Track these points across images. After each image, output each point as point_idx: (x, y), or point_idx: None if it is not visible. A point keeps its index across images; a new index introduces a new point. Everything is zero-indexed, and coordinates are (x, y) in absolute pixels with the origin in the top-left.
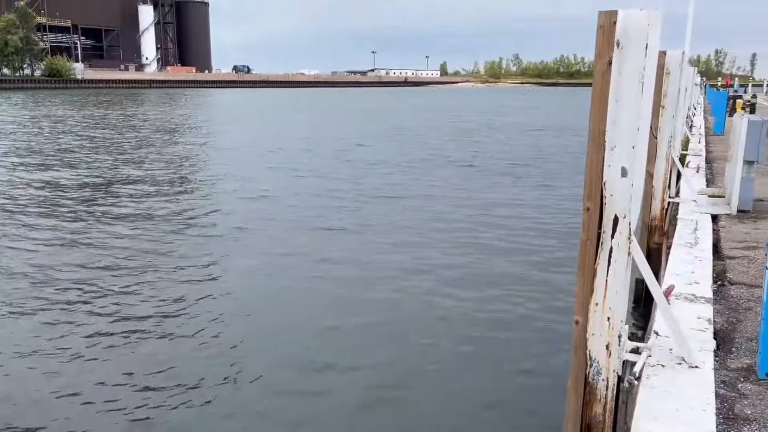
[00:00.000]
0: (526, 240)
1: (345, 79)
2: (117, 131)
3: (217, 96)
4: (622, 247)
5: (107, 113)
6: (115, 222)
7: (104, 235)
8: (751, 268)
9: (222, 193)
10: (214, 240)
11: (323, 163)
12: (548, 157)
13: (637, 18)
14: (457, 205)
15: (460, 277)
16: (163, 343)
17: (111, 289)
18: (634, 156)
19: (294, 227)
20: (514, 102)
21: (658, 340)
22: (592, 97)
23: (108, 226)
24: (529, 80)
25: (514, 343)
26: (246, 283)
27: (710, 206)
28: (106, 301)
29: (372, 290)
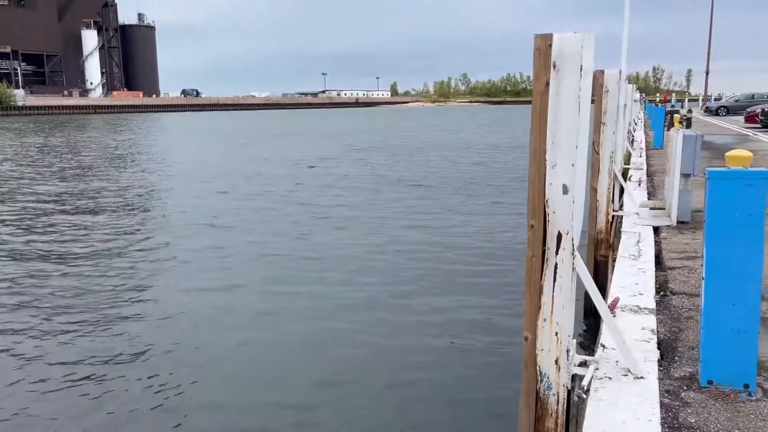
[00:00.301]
0: (475, 259)
1: (296, 100)
2: (58, 158)
3: (164, 120)
4: (566, 262)
5: (48, 140)
6: (52, 256)
7: (40, 270)
8: (691, 277)
9: (166, 221)
10: (159, 270)
11: (270, 187)
12: (498, 174)
13: (572, 40)
14: (407, 226)
15: (409, 299)
16: (98, 383)
17: (45, 329)
18: (575, 173)
19: (240, 253)
20: (463, 120)
21: (605, 353)
22: (532, 117)
23: (44, 262)
24: (477, 99)
25: (465, 361)
26: (190, 312)
27: (652, 218)
28: (38, 342)
29: (318, 318)
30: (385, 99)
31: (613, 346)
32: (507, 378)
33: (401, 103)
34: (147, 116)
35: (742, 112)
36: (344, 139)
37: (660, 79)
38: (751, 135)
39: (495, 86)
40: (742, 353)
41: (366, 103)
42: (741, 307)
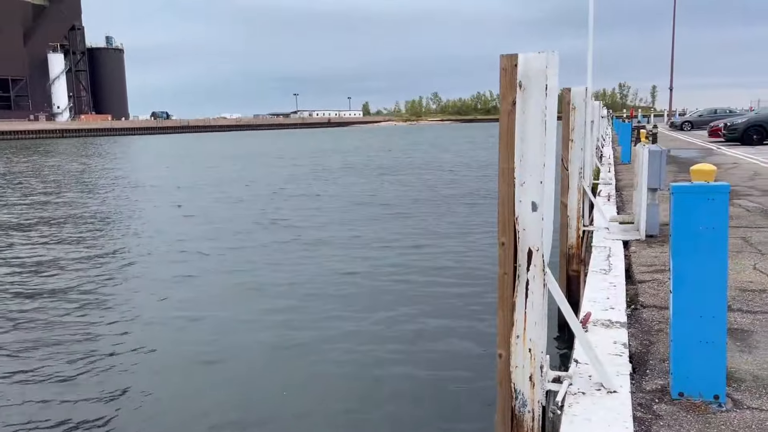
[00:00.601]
0: (447, 277)
1: (268, 121)
2: (20, 184)
3: (133, 143)
4: (537, 279)
5: (9, 167)
6: (9, 292)
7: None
8: (660, 290)
9: (131, 249)
10: (123, 299)
11: (240, 209)
12: (469, 192)
13: (536, 60)
14: (380, 246)
15: (382, 320)
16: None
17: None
18: (543, 190)
19: (210, 276)
20: (434, 139)
21: (578, 368)
22: (500, 136)
23: (2, 295)
24: (449, 117)
25: (440, 381)
26: (157, 340)
27: (621, 233)
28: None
29: (285, 350)
30: (357, 119)
31: (586, 361)
32: (483, 396)
33: (373, 122)
34: (116, 139)
35: (705, 127)
36: (316, 159)
37: (626, 95)
38: (715, 149)
39: (465, 104)
40: (711, 364)
41: (338, 123)
42: (708, 319)
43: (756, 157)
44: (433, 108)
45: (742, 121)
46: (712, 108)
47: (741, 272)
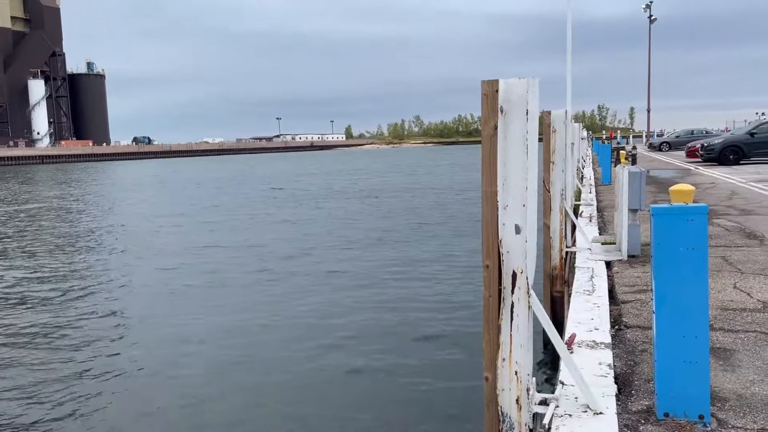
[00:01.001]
0: (433, 302)
1: (251, 145)
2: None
3: (113, 169)
4: (522, 301)
5: None
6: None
7: None
8: (643, 310)
9: (108, 279)
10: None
11: (220, 236)
12: (454, 215)
13: (517, 86)
14: (364, 268)
15: (368, 344)
16: None
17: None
18: (526, 213)
19: (192, 306)
20: (416, 161)
21: (564, 390)
22: (482, 160)
23: None
24: (431, 140)
25: (427, 405)
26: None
27: (604, 253)
28: None
29: (264, 387)
30: (340, 142)
31: (572, 383)
32: (470, 419)
33: (356, 145)
34: (96, 165)
35: (683, 147)
36: (296, 183)
37: (605, 117)
38: (693, 169)
39: (447, 127)
40: (696, 384)
41: (321, 146)
42: (691, 339)
43: (733, 176)
44: (416, 131)
45: (718, 142)
46: (689, 129)
47: (722, 291)
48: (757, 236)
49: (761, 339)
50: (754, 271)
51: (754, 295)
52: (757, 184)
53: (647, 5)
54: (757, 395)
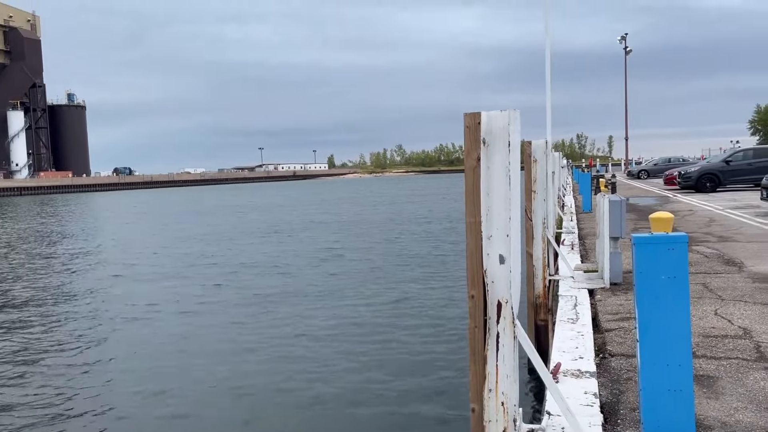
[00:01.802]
0: (420, 333)
1: (233, 175)
2: None
3: (93, 200)
4: (507, 331)
5: None
6: None
7: None
8: (627, 338)
9: (80, 314)
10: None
11: (199, 269)
12: (438, 246)
13: (499, 118)
14: (349, 300)
15: (355, 376)
16: None
17: None
18: (510, 243)
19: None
20: (398, 191)
21: (551, 420)
22: (466, 191)
23: None
24: (413, 169)
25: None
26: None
27: (586, 281)
28: None
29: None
30: (323, 171)
31: (558, 413)
32: None
33: (339, 174)
34: (75, 196)
35: (661, 175)
36: (279, 213)
37: (584, 145)
38: (671, 196)
39: (429, 156)
40: (681, 413)
41: (304, 176)
42: (675, 367)
43: (710, 204)
44: (398, 160)
45: (695, 170)
46: (666, 157)
47: (703, 318)
48: (735, 263)
49: (743, 366)
50: (734, 297)
51: (735, 321)
52: (734, 211)
53: (622, 37)
54: (741, 423)
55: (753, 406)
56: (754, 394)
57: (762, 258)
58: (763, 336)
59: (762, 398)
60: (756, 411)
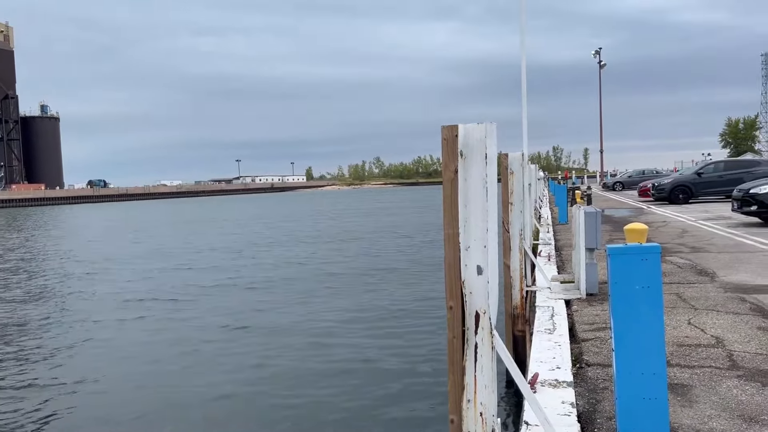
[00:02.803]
0: (398, 345)
1: (210, 188)
2: None
3: (66, 213)
4: (485, 341)
5: None
6: None
7: None
8: (603, 348)
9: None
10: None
11: (170, 285)
12: (416, 259)
13: (476, 131)
14: (326, 309)
15: (333, 390)
16: None
17: None
18: (487, 254)
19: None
20: (377, 203)
21: (529, 430)
22: (444, 203)
23: None
24: (391, 181)
25: None
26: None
27: (563, 292)
28: None
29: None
30: (301, 183)
31: (536, 422)
32: None
33: (317, 186)
34: (50, 209)
35: (635, 187)
36: (255, 227)
37: (560, 157)
38: (646, 208)
39: (407, 168)
40: (656, 421)
41: (281, 188)
42: (649, 376)
43: (683, 215)
44: (376, 172)
45: (668, 182)
46: (640, 169)
47: (677, 328)
48: (708, 273)
49: (716, 374)
50: (706, 306)
51: (708, 330)
52: (706, 222)
53: (596, 51)
54: (714, 430)
55: (726, 414)
56: (726, 402)
57: (733, 268)
58: (735, 345)
59: (734, 406)
60: (729, 419)
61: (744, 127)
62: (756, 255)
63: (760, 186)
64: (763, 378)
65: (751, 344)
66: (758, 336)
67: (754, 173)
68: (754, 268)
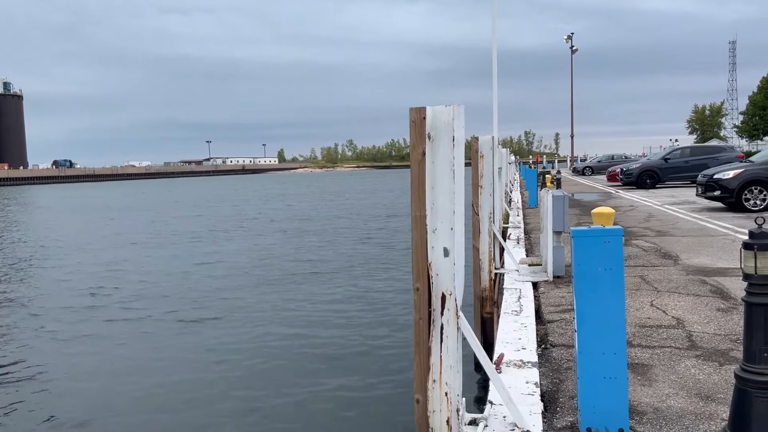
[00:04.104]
0: (366, 326)
1: (179, 169)
2: None
3: (30, 194)
4: (451, 323)
5: None
6: None
7: None
8: (567, 330)
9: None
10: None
11: (134, 274)
12: (385, 240)
13: (443, 113)
14: (291, 299)
15: (299, 371)
16: None
17: None
18: (454, 236)
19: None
20: (350, 185)
21: (493, 409)
22: (411, 185)
23: None
24: (364, 164)
25: (361, 424)
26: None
27: (531, 274)
28: None
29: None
30: (273, 165)
31: (500, 402)
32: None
33: (289, 169)
34: (13, 189)
35: (604, 172)
36: (225, 209)
37: (532, 142)
38: (614, 192)
39: (380, 152)
40: (615, 399)
41: (253, 170)
42: (610, 356)
43: (650, 200)
44: (349, 155)
45: (636, 167)
46: (609, 154)
47: (640, 309)
48: (671, 256)
49: (675, 354)
50: (669, 289)
51: (669, 312)
52: (672, 207)
53: (569, 36)
54: (672, 408)
55: (684, 393)
56: (684, 381)
57: (696, 251)
58: (695, 326)
59: (692, 385)
60: (686, 397)
61: (710, 113)
62: (717, 239)
63: (723, 171)
64: (720, 358)
65: (710, 325)
66: (717, 317)
67: (719, 159)
68: (716, 252)
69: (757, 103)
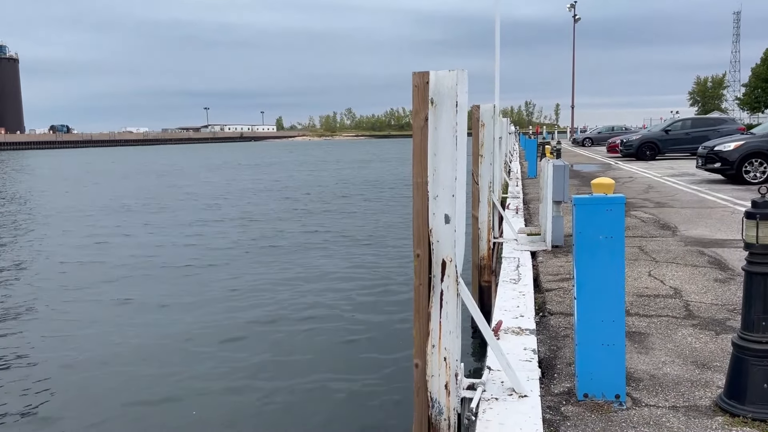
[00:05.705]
0: (367, 292)
1: (177, 135)
2: None
3: (28, 159)
4: (451, 289)
5: None
6: None
7: None
8: (566, 298)
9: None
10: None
11: (128, 247)
12: (385, 210)
13: (447, 78)
14: (292, 262)
15: (301, 333)
16: None
17: None
18: (455, 203)
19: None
20: (350, 153)
21: (491, 375)
22: (413, 151)
23: None
24: (363, 133)
25: (359, 392)
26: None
27: (529, 244)
28: None
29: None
30: (271, 133)
31: (498, 368)
32: (401, 405)
33: (287, 137)
34: (9, 154)
35: (604, 143)
36: (223, 174)
37: (532, 112)
38: (613, 164)
39: (379, 120)
40: (612, 366)
41: (251, 138)
42: (608, 323)
43: (649, 171)
44: (348, 123)
45: (636, 138)
46: (610, 125)
47: (638, 279)
48: (670, 227)
49: (672, 323)
50: (667, 259)
51: (667, 282)
52: (671, 179)
53: (572, 5)
54: (668, 375)
55: (680, 360)
56: (681, 349)
57: (694, 223)
58: (692, 296)
59: (688, 353)
60: (682, 365)
61: (712, 85)
62: (716, 210)
63: (724, 144)
64: (716, 327)
65: (707, 295)
66: (714, 287)
67: (719, 131)
68: (714, 223)
69: (760, 75)
